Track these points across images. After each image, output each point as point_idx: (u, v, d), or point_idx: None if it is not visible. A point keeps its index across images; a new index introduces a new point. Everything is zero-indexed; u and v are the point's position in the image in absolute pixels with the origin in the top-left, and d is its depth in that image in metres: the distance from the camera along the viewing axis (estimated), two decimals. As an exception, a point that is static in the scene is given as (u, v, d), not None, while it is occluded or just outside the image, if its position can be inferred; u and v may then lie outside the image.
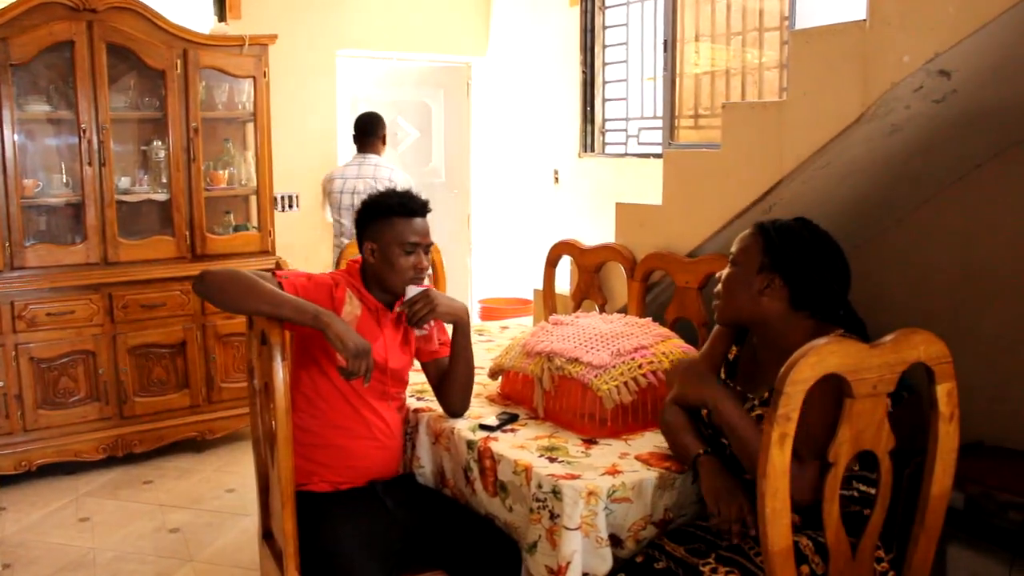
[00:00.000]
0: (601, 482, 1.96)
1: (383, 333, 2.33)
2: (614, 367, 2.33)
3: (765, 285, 1.97)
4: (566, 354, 2.41)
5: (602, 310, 3.45)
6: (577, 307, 3.60)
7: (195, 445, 4.47)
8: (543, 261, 3.79)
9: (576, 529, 1.91)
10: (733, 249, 2.07)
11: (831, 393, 1.65)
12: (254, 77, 4.56)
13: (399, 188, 2.41)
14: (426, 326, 2.31)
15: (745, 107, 2.91)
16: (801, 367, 1.55)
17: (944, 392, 1.75)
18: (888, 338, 1.67)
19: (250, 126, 4.71)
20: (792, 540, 1.63)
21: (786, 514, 1.60)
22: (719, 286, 2.07)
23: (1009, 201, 2.92)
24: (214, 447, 4.52)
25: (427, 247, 2.32)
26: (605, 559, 1.94)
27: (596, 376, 2.31)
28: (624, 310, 3.29)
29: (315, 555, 2.12)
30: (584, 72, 5.44)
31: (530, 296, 5.76)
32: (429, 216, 2.34)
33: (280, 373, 2.00)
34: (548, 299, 3.77)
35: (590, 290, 3.55)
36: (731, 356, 2.14)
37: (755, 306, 1.99)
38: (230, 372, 4.49)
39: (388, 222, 2.28)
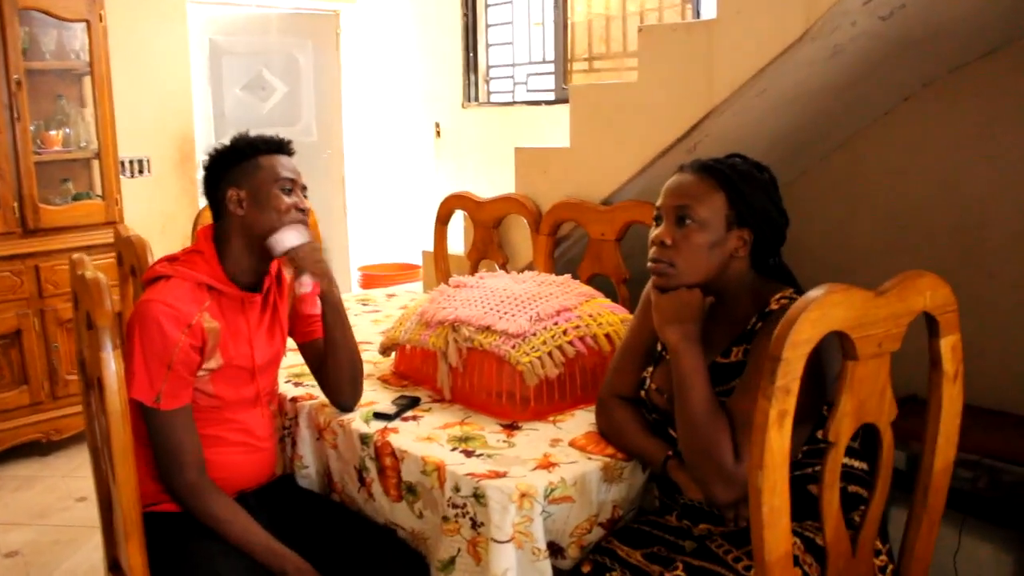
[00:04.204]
0: (535, 480, 1.57)
1: (248, 324, 1.88)
2: (534, 335, 1.94)
3: (739, 245, 1.62)
4: (475, 322, 2.01)
5: (504, 270, 3.07)
6: (475, 268, 3.21)
7: (39, 448, 3.88)
8: (427, 222, 3.39)
9: (507, 542, 1.52)
10: (680, 203, 1.61)
11: None
12: (88, 21, 3.95)
13: None
14: (307, 279, 1.88)
15: (666, 29, 2.54)
16: (802, 325, 1.20)
17: (949, 346, 1.44)
18: (892, 283, 1.34)
19: (87, 80, 4.10)
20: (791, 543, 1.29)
21: (786, 513, 1.25)
22: (666, 250, 1.62)
23: (936, 135, 2.72)
24: (62, 449, 3.93)
25: (303, 189, 1.94)
26: (544, 574, 1.56)
27: (514, 347, 1.91)
28: (530, 268, 2.92)
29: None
30: (465, 15, 5.02)
31: (416, 260, 5.37)
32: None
33: (112, 366, 1.52)
34: (440, 261, 3.37)
35: (488, 248, 3.17)
36: None
37: (722, 270, 1.63)
38: (76, 363, 3.90)
39: (253, 163, 1.87)
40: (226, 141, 1.92)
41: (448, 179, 5.23)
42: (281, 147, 1.92)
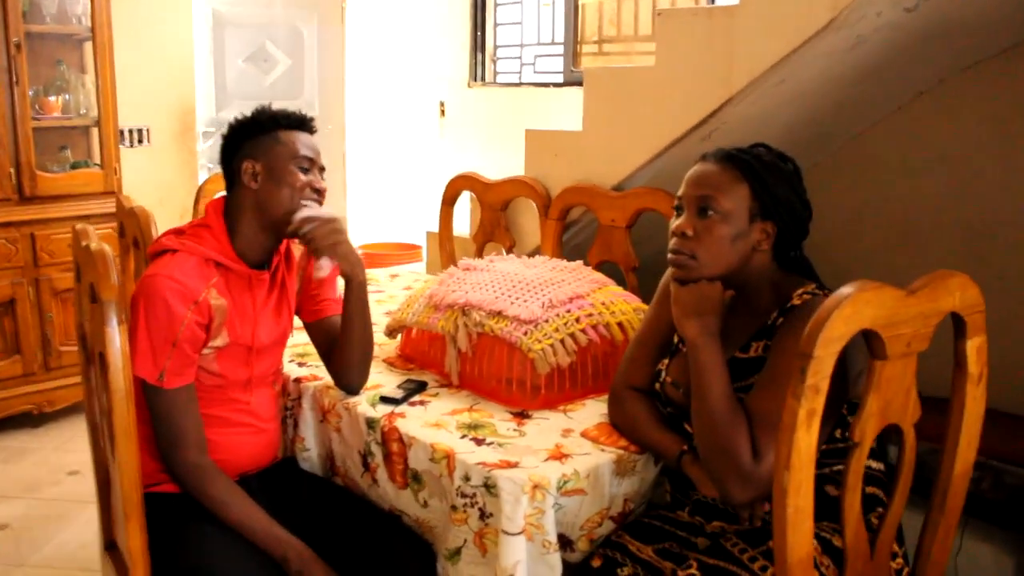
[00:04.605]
0: (547, 471, 1.54)
1: (255, 303, 1.83)
2: (546, 321, 1.91)
3: (762, 238, 1.58)
4: (486, 306, 1.97)
5: (511, 253, 3.02)
6: (480, 250, 3.16)
7: (31, 420, 3.82)
8: (429, 202, 3.35)
9: (518, 534, 1.49)
10: (703, 193, 1.57)
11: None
12: (89, -16, 3.86)
13: None
14: (326, 262, 1.83)
15: (686, 14, 2.49)
16: (834, 322, 1.17)
17: (974, 347, 1.42)
18: (922, 282, 1.31)
19: (88, 45, 4.01)
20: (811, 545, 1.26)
21: (810, 514, 1.22)
22: (687, 241, 1.57)
23: (949, 133, 2.67)
24: (54, 421, 3.87)
25: (321, 169, 1.89)
26: (553, 567, 1.53)
27: (525, 333, 1.88)
28: (538, 253, 2.87)
29: (176, 572, 1.65)
30: (473, -6, 4.95)
31: (417, 240, 5.30)
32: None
33: (117, 342, 1.48)
34: (445, 242, 3.31)
35: (495, 231, 3.12)
36: None
37: (744, 263, 1.59)
38: (71, 333, 3.82)
39: (273, 136, 1.82)
40: (248, 112, 1.86)
41: (451, 159, 5.16)
42: (303, 124, 1.87)
